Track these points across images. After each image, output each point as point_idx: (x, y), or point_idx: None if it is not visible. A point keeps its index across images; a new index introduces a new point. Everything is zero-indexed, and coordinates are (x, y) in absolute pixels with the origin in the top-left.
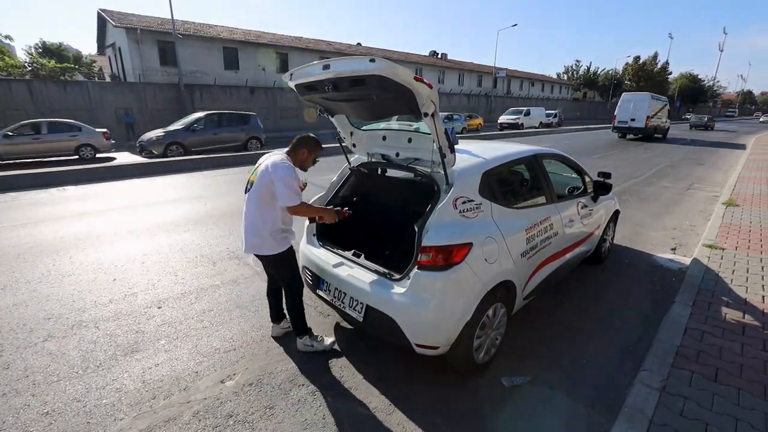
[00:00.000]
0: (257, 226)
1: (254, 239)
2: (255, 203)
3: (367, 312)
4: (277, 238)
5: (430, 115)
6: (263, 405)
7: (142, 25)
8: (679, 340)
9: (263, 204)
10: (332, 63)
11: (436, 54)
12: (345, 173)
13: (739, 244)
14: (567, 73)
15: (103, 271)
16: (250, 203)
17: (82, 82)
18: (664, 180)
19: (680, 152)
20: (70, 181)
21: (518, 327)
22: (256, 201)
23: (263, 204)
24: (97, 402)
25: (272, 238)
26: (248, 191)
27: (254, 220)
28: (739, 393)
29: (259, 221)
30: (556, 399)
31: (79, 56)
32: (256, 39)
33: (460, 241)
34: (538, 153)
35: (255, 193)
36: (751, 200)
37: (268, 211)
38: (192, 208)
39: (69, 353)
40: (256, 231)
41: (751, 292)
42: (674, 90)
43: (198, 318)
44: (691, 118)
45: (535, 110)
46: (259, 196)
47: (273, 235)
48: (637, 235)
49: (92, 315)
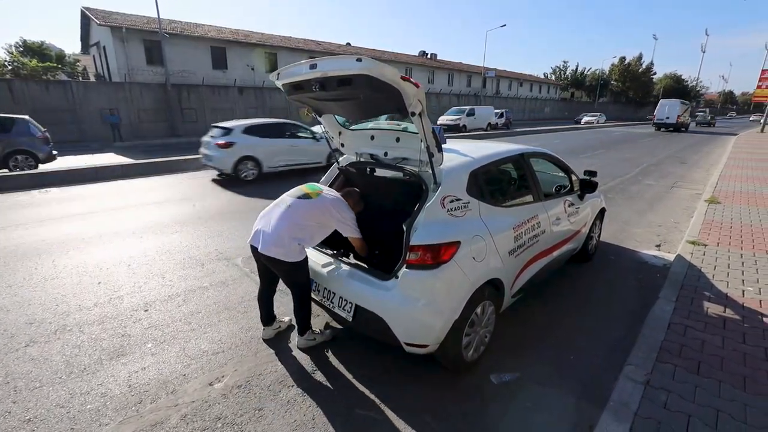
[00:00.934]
0: (282, 235)
1: (277, 246)
2: (299, 216)
3: (356, 311)
4: (299, 250)
5: (417, 115)
6: (252, 407)
7: (127, 23)
8: (663, 334)
9: (305, 222)
10: (319, 62)
11: (426, 54)
12: (334, 173)
13: (721, 241)
14: (555, 73)
15: (88, 275)
16: (292, 212)
17: (66, 82)
18: (648, 178)
19: (664, 152)
20: (53, 182)
21: (507, 324)
22: (302, 215)
23: (305, 222)
24: (82, 407)
25: (296, 249)
26: (298, 198)
27: (283, 229)
28: (720, 385)
29: (287, 232)
30: (544, 395)
31: (62, 55)
32: (244, 38)
33: (449, 240)
34: (526, 152)
35: (304, 209)
36: (732, 197)
37: (304, 229)
38: (180, 209)
39: (52, 358)
40: (281, 239)
41: (731, 287)
42: (659, 90)
43: (186, 320)
44: (698, 116)
45: (482, 110)
46: (307, 215)
47: (298, 247)
48: (622, 233)
49: (76, 319)
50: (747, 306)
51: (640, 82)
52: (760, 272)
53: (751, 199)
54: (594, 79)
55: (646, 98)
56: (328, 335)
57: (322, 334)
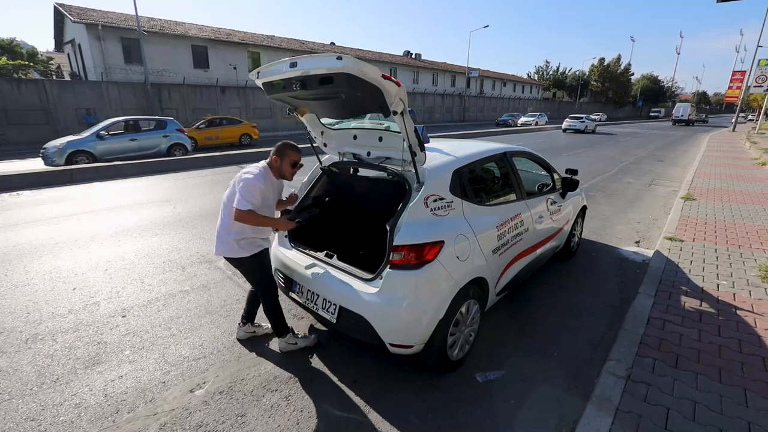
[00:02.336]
0: (221, 232)
1: (220, 244)
2: (224, 209)
3: (340, 313)
4: (242, 244)
5: (399, 114)
6: (234, 413)
7: (103, 21)
8: (643, 329)
9: (228, 211)
10: (299, 60)
11: (411, 54)
12: (316, 173)
13: (696, 236)
14: (538, 73)
15: (62, 280)
16: (223, 208)
17: (39, 81)
18: (628, 176)
19: (643, 151)
20: (25, 185)
21: (491, 323)
22: (226, 207)
23: (228, 211)
24: (54, 420)
25: (236, 244)
26: None
27: (220, 226)
28: (697, 377)
29: (222, 228)
30: (529, 391)
31: (35, 53)
32: (226, 37)
33: (432, 240)
34: (508, 151)
35: (226, 199)
36: (706, 194)
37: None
38: (159, 211)
39: (22, 369)
40: (220, 236)
41: (707, 281)
42: (637, 90)
43: (165, 326)
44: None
45: None
46: (228, 202)
47: (238, 242)
48: (603, 229)
49: (49, 327)
50: (722, 299)
51: (619, 82)
52: (733, 266)
53: (724, 195)
54: (575, 79)
55: (624, 98)
56: (312, 340)
57: (306, 338)
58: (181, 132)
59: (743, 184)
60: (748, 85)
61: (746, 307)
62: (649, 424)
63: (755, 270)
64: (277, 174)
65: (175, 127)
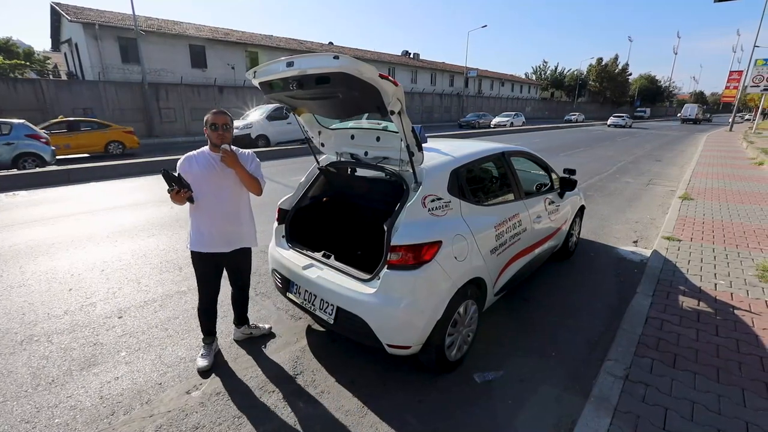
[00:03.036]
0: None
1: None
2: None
3: (337, 314)
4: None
5: (396, 113)
6: (231, 414)
7: (100, 20)
8: (641, 329)
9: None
10: (296, 60)
11: (409, 54)
12: (314, 173)
13: (694, 236)
14: (535, 73)
15: (58, 281)
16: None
17: (35, 80)
18: (626, 176)
19: (641, 150)
20: (22, 185)
21: (490, 323)
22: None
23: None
24: (49, 422)
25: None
26: None
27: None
28: (695, 377)
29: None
30: (527, 392)
31: (31, 52)
32: (224, 37)
33: (430, 240)
34: (506, 150)
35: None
36: (704, 194)
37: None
38: (157, 211)
39: (17, 371)
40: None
41: (704, 281)
42: (634, 90)
43: (162, 327)
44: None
45: None
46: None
47: None
48: (602, 229)
49: (44, 328)
50: (719, 299)
51: (617, 82)
52: (731, 266)
53: (722, 195)
54: (572, 79)
55: (622, 98)
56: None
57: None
58: (35, 138)
59: (741, 184)
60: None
61: (744, 306)
62: (647, 424)
63: (753, 269)
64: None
65: (24, 132)
